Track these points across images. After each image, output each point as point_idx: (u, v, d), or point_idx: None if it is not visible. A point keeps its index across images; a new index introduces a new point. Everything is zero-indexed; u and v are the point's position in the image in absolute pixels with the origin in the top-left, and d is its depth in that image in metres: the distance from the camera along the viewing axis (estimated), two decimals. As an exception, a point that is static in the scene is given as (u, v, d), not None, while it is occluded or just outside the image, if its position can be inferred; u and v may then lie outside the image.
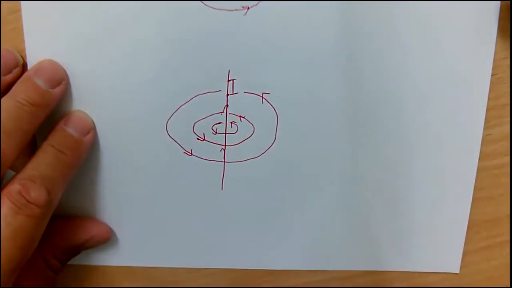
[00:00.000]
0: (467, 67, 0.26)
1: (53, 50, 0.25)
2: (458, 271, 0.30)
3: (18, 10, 0.25)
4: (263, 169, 0.28)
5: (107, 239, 0.28)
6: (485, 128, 0.27)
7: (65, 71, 0.25)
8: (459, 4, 0.25)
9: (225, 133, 0.27)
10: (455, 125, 0.27)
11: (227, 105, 0.27)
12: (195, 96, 0.26)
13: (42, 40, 0.25)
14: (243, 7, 0.25)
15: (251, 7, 0.25)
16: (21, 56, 0.25)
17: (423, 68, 0.26)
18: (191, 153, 0.27)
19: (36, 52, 0.25)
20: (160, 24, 0.25)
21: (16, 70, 0.25)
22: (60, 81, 0.25)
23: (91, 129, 0.26)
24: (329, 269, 0.30)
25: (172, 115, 0.27)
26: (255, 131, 0.27)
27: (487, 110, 0.27)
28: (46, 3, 0.24)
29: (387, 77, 0.26)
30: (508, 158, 0.28)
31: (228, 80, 0.26)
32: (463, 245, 0.30)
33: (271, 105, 0.27)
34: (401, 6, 0.25)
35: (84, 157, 0.26)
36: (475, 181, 0.28)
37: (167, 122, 0.27)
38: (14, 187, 0.22)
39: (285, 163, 0.28)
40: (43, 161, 0.24)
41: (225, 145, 0.27)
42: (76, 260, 0.28)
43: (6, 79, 0.24)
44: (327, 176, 0.28)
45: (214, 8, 0.25)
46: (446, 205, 0.29)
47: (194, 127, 0.27)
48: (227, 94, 0.26)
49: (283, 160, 0.28)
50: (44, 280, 0.27)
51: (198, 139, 0.27)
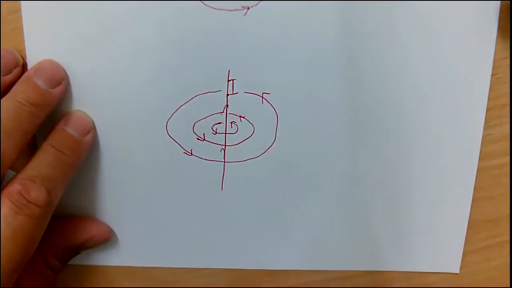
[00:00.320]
0: (467, 67, 0.26)
1: (53, 50, 0.25)
2: (458, 271, 0.30)
3: (18, 10, 0.25)
4: (263, 169, 0.28)
5: (107, 239, 0.28)
6: (485, 128, 0.27)
7: (65, 71, 0.25)
8: (459, 4, 0.25)
9: (225, 133, 0.27)
10: (455, 125, 0.27)
11: (227, 105, 0.27)
12: (195, 96, 0.26)
13: (42, 40, 0.25)
14: (243, 7, 0.25)
15: (251, 7, 0.25)
16: (21, 56, 0.25)
17: (423, 68, 0.26)
18: (191, 153, 0.27)
19: (36, 52, 0.25)
20: (160, 24, 0.25)
21: (16, 70, 0.25)
22: (60, 81, 0.25)
23: (91, 129, 0.26)
24: (329, 269, 0.30)
25: (172, 115, 0.27)
26: (255, 131, 0.27)
27: (487, 110, 0.27)
28: (46, 3, 0.24)
29: (387, 77, 0.26)
30: (508, 158, 0.28)
31: (228, 80, 0.26)
32: (463, 245, 0.30)
33: (271, 105, 0.27)
34: (401, 6, 0.25)
35: (84, 157, 0.26)
36: (475, 181, 0.28)
37: (167, 122, 0.27)
38: (14, 187, 0.22)
39: (285, 163, 0.28)
40: (43, 161, 0.24)
41: (225, 145, 0.27)
42: (76, 260, 0.28)
43: (6, 79, 0.24)
44: (327, 176, 0.28)
45: (214, 8, 0.25)
46: (446, 205, 0.29)
47: (194, 127, 0.27)
48: (227, 94, 0.26)
49: (283, 160, 0.28)
50: (44, 280, 0.27)
51: (198, 139, 0.27)
